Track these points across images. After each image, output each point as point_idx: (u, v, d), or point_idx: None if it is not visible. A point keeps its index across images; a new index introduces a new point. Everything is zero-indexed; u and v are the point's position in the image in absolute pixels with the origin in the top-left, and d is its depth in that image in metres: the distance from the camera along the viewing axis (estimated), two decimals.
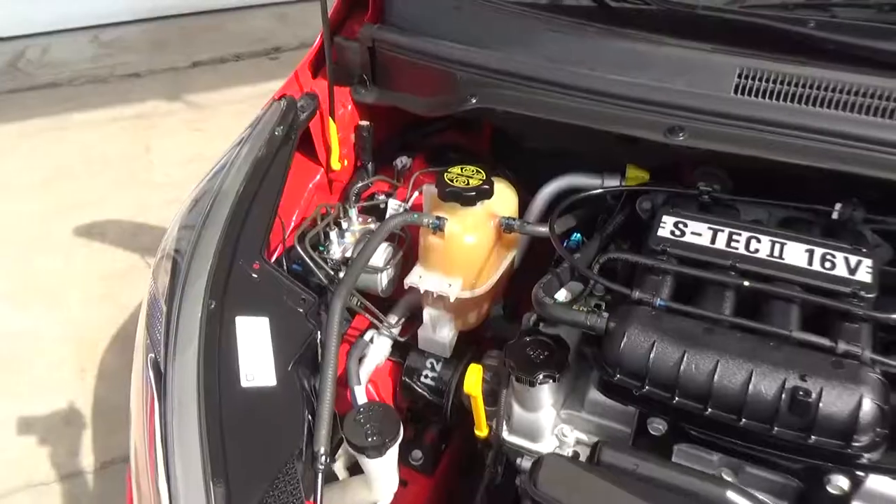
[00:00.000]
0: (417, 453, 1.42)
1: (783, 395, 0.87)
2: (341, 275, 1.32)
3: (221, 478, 0.90)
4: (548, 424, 1.12)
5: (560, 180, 1.40)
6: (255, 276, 1.15)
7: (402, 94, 1.44)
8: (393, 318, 1.41)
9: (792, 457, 0.92)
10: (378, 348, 1.37)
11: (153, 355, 1.06)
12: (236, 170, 1.24)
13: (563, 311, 1.03)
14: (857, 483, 0.92)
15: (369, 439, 1.03)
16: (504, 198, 1.35)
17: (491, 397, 1.20)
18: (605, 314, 1.00)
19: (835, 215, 1.11)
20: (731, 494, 0.84)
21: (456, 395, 1.33)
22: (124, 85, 4.36)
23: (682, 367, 0.92)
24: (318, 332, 1.16)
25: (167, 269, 1.15)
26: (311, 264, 1.28)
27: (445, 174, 1.26)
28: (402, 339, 1.40)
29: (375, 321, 1.38)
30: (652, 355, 0.93)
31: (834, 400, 0.86)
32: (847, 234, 1.09)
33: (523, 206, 1.42)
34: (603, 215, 1.30)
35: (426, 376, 1.36)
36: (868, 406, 0.86)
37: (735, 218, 1.13)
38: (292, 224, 1.41)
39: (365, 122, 1.51)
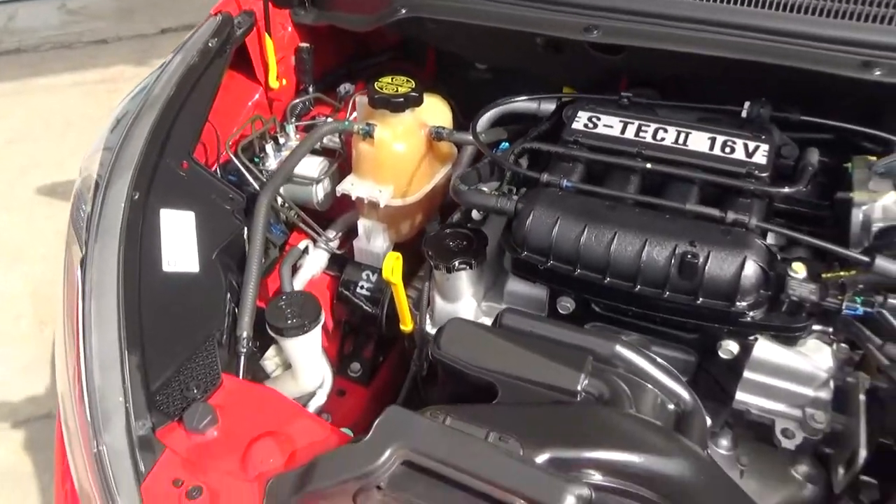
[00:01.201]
0: (356, 365, 1.46)
1: (673, 260, 0.92)
2: None
3: (137, 348, 0.93)
4: (468, 316, 1.15)
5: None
6: (182, 174, 1.17)
7: (338, 12, 1.46)
8: (331, 233, 1.44)
9: (686, 321, 0.96)
10: (314, 259, 1.40)
11: (77, 246, 1.08)
12: (167, 78, 1.26)
13: (475, 195, 1.07)
14: (745, 348, 0.97)
15: (289, 321, 1.06)
16: (436, 110, 1.39)
17: (418, 304, 1.23)
18: (516, 197, 1.04)
19: (744, 114, 1.15)
20: (619, 348, 0.88)
21: (390, 304, 1.36)
22: (90, 51, 4.33)
23: (582, 240, 0.96)
24: (246, 230, 1.18)
25: (93, 171, 1.16)
26: (246, 173, 1.30)
27: (375, 83, 1.29)
28: (339, 252, 1.43)
29: (312, 233, 1.41)
30: (555, 231, 0.97)
31: (720, 262, 0.91)
32: (756, 131, 1.13)
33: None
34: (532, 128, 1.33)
35: (362, 287, 1.39)
36: (751, 268, 0.90)
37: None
38: (231, 140, 1.43)
39: (305, 44, 1.53)
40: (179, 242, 1.08)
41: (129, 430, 0.85)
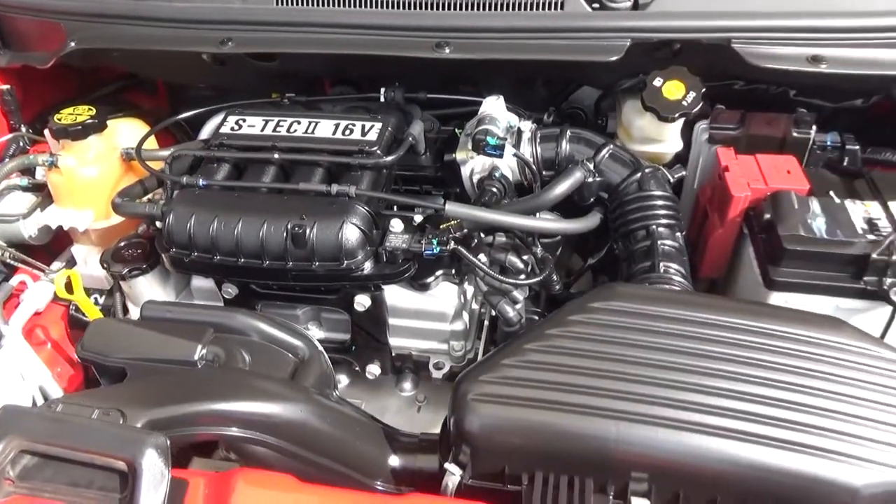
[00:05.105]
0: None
1: (286, 234, 1.06)
2: None
3: None
4: None
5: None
6: None
7: (28, 52, 1.51)
8: (56, 264, 1.49)
9: (318, 284, 1.10)
10: (35, 293, 1.44)
11: None
12: None
13: (127, 206, 1.17)
14: (376, 299, 1.13)
15: None
16: (134, 131, 1.47)
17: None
18: (161, 202, 1.15)
19: (382, 98, 1.32)
20: (239, 317, 1.01)
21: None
22: None
23: (213, 230, 1.08)
24: None
25: None
26: None
27: (56, 115, 1.35)
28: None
29: (33, 269, 1.46)
30: (191, 225, 1.09)
31: (324, 229, 1.06)
32: (395, 111, 1.30)
33: None
34: None
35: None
36: (349, 230, 1.06)
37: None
38: None
39: (5, 86, 1.56)
40: None
41: None
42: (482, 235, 1.16)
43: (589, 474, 0.82)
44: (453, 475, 0.88)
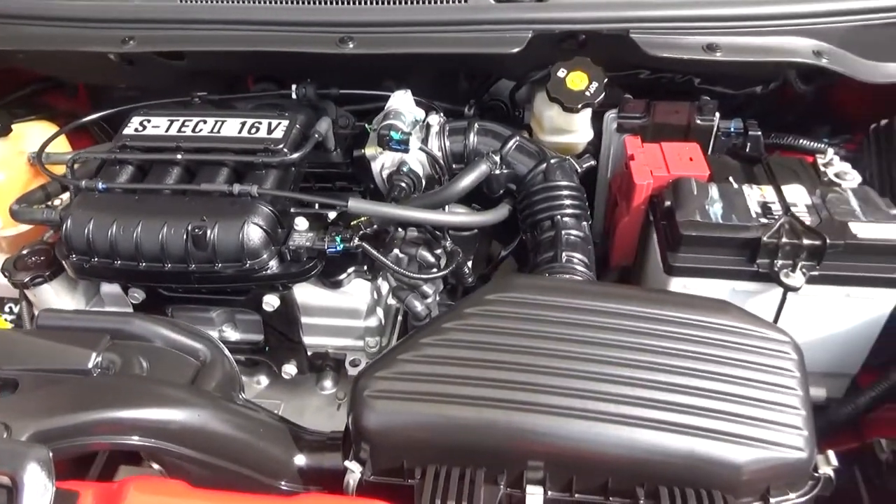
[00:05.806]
0: None
1: (187, 236, 1.04)
2: None
3: None
4: None
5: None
6: None
7: None
8: None
9: (223, 286, 1.09)
10: None
11: None
12: None
13: (25, 212, 1.14)
14: (285, 298, 1.12)
15: None
16: (46, 136, 1.42)
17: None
18: (59, 207, 1.12)
19: (293, 95, 1.30)
20: (137, 322, 0.99)
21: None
22: None
23: (112, 234, 1.06)
24: None
25: None
26: None
27: None
28: None
29: None
30: (90, 230, 1.07)
31: (226, 230, 1.04)
32: (305, 109, 1.29)
33: None
34: None
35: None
36: (251, 230, 1.05)
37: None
38: None
39: None
40: None
41: None
42: (398, 230, 1.16)
43: (483, 465, 0.83)
44: (353, 472, 0.88)
